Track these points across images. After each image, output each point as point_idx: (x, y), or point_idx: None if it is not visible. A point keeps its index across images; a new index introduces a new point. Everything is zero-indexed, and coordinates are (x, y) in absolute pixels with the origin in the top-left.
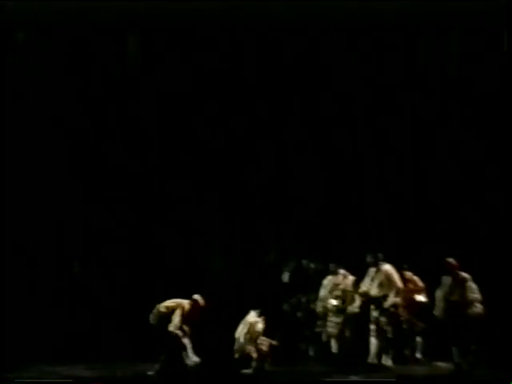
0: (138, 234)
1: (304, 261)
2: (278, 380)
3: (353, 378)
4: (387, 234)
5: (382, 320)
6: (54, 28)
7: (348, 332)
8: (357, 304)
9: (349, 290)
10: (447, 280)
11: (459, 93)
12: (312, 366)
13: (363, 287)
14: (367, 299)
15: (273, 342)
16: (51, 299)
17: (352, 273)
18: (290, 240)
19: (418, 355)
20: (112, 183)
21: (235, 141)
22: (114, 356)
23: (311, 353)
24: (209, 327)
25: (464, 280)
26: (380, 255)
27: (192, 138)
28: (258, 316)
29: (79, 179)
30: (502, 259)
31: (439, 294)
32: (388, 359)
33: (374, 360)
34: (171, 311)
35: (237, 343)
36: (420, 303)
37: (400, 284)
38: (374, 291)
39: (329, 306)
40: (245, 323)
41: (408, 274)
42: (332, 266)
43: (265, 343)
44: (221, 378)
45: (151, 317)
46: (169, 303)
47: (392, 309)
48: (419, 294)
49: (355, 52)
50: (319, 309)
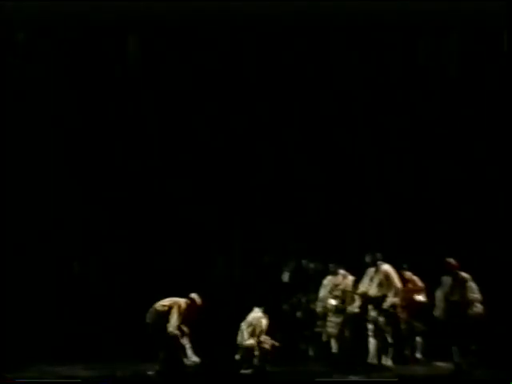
0: (138, 234)
1: (304, 261)
2: (278, 380)
3: (352, 378)
4: (387, 234)
5: (381, 320)
6: (54, 28)
7: (348, 332)
8: (356, 304)
9: (348, 290)
10: (447, 280)
11: (459, 93)
12: (312, 366)
13: (362, 287)
14: (366, 299)
15: (275, 343)
16: (51, 299)
17: (352, 273)
18: (290, 240)
19: (418, 355)
20: (112, 183)
21: (235, 141)
22: (114, 356)
23: (311, 353)
24: (209, 327)
25: (464, 280)
26: (378, 255)
27: (192, 138)
28: (262, 313)
29: (79, 179)
30: (502, 259)
31: (439, 294)
32: (388, 359)
33: (374, 360)
34: (168, 310)
35: (239, 338)
36: (420, 303)
37: (399, 284)
38: (373, 291)
39: (329, 306)
40: (248, 319)
41: (407, 274)
42: (332, 266)
43: (268, 342)
44: (220, 378)
45: (147, 315)
46: (165, 302)
47: (391, 309)
48: (419, 294)
49: (355, 52)
50: (319, 309)
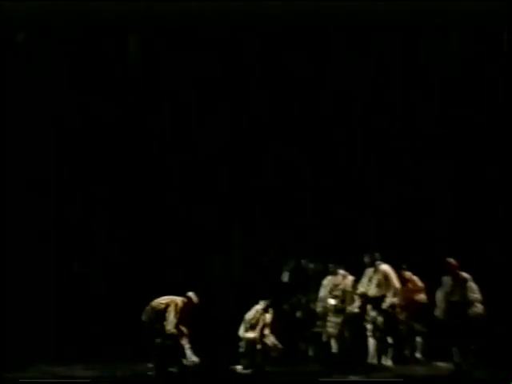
0: (138, 234)
1: (304, 261)
2: (278, 380)
3: (352, 378)
4: (388, 234)
5: (380, 320)
6: (54, 28)
7: (347, 332)
8: (356, 304)
9: (348, 291)
10: (448, 280)
11: (459, 93)
12: (312, 366)
13: (361, 287)
14: (366, 299)
15: (278, 345)
16: (51, 299)
17: (352, 273)
18: (290, 240)
19: (418, 355)
20: (112, 183)
21: (235, 140)
22: (114, 356)
23: (311, 353)
24: (209, 327)
25: (464, 280)
26: (377, 255)
27: (192, 138)
28: (267, 306)
29: (79, 179)
30: (502, 259)
31: (440, 295)
32: (388, 359)
33: (374, 360)
34: (164, 308)
35: (241, 330)
36: (419, 303)
37: (398, 284)
38: (372, 291)
39: (328, 306)
40: (252, 311)
41: (407, 274)
42: (331, 266)
43: (271, 339)
44: (220, 378)
45: (144, 314)
46: (162, 300)
47: (390, 309)
48: (419, 294)
49: (355, 52)
50: (319, 309)
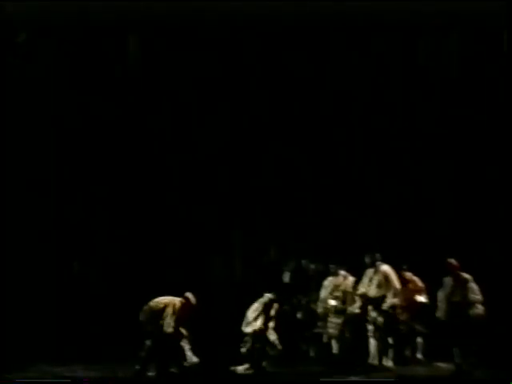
0: (138, 235)
1: (304, 261)
2: (278, 380)
3: (353, 379)
4: (388, 235)
5: (381, 321)
6: (54, 28)
7: (348, 333)
8: (357, 305)
9: (349, 291)
10: (449, 281)
11: (459, 93)
12: (312, 367)
13: (361, 288)
14: (367, 300)
15: (278, 345)
16: (51, 299)
17: (352, 274)
18: (290, 240)
19: (419, 356)
20: (112, 183)
21: (235, 140)
22: (114, 356)
23: (312, 353)
24: (209, 327)
25: (465, 281)
26: (378, 255)
27: (192, 138)
28: (271, 300)
29: (79, 179)
30: (503, 259)
31: (441, 295)
32: (388, 360)
33: (375, 361)
34: (162, 308)
35: (244, 323)
36: (420, 304)
37: (398, 285)
38: (373, 292)
39: (329, 307)
40: (256, 304)
41: (408, 275)
42: (332, 267)
43: (273, 336)
44: (221, 379)
45: (141, 314)
46: (159, 300)
47: (390, 310)
48: (419, 295)
49: (355, 52)
50: (320, 309)
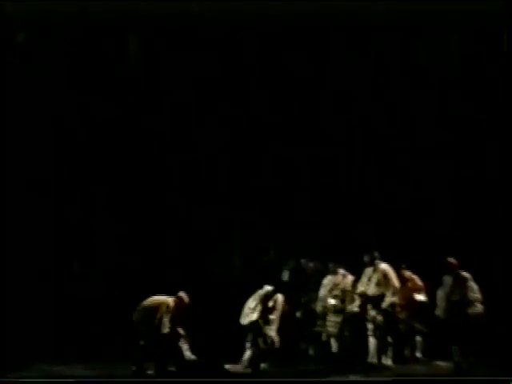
0: (138, 235)
1: (303, 260)
2: (278, 380)
3: (352, 378)
4: (387, 234)
5: (380, 319)
6: (54, 28)
7: (347, 331)
8: (356, 303)
9: (348, 290)
10: (448, 280)
11: (459, 93)
12: (312, 366)
13: (361, 287)
14: (366, 299)
15: (275, 340)
16: (51, 299)
17: (352, 272)
18: (290, 240)
19: (418, 354)
20: (112, 183)
21: (235, 140)
22: (114, 356)
23: (311, 352)
24: (208, 327)
25: (465, 280)
26: (377, 254)
27: (192, 138)
28: (271, 292)
29: (79, 179)
30: (502, 259)
31: (440, 294)
32: (388, 359)
33: (374, 359)
34: (155, 308)
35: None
36: (419, 302)
37: (397, 283)
38: (372, 290)
39: (328, 306)
40: (254, 295)
41: (407, 273)
42: (331, 266)
43: (272, 331)
44: (220, 378)
45: (135, 314)
46: (153, 300)
47: (390, 308)
48: (418, 293)
49: (355, 52)
50: (319, 308)
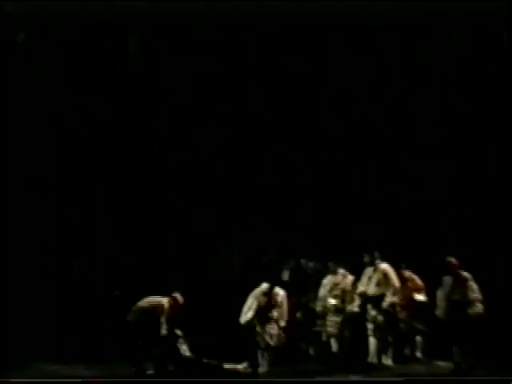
0: (138, 234)
1: (303, 260)
2: (278, 380)
3: (352, 378)
4: (387, 234)
5: (380, 319)
6: (54, 28)
7: (347, 331)
8: (356, 303)
9: (348, 290)
10: (448, 279)
11: (459, 93)
12: (312, 366)
13: (361, 287)
14: (366, 298)
15: (268, 339)
16: (51, 299)
17: (352, 272)
18: (290, 240)
19: (418, 354)
20: (112, 183)
21: (235, 140)
22: (114, 356)
23: (311, 352)
24: (208, 327)
25: (465, 279)
26: (377, 254)
27: (192, 138)
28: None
29: (79, 179)
30: (502, 259)
31: (440, 294)
32: (388, 358)
33: (374, 359)
34: (150, 309)
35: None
36: (419, 302)
37: (397, 283)
38: (372, 290)
39: (328, 306)
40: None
41: (407, 273)
42: (331, 266)
43: (273, 330)
44: (220, 378)
45: (130, 314)
46: (148, 301)
47: (390, 308)
48: (418, 293)
49: (355, 52)
50: (319, 308)
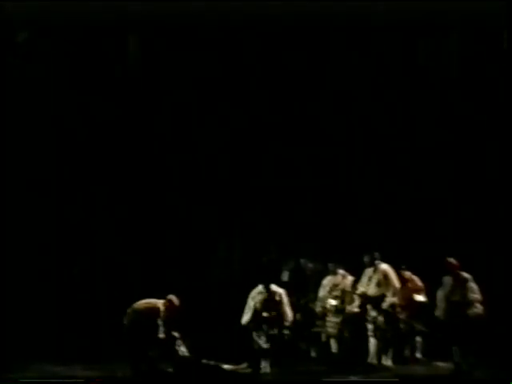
0: (138, 235)
1: (303, 260)
2: (278, 380)
3: (352, 378)
4: (387, 234)
5: (380, 320)
6: (54, 28)
7: (347, 332)
8: (356, 304)
9: (348, 290)
10: (448, 280)
11: (459, 93)
12: (311, 366)
13: (361, 287)
14: (365, 299)
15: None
16: (51, 299)
17: (351, 273)
18: (290, 240)
19: (418, 355)
20: (112, 183)
21: (235, 140)
22: (114, 356)
23: (311, 353)
24: (208, 327)
25: (465, 280)
26: (377, 255)
27: (192, 138)
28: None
29: (79, 179)
30: (502, 259)
31: (440, 295)
32: (388, 359)
33: (374, 360)
34: (146, 311)
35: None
36: (419, 303)
37: (397, 284)
38: (372, 291)
39: (328, 306)
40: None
41: (407, 274)
42: (331, 266)
43: (275, 330)
44: (220, 378)
45: (126, 317)
46: (143, 303)
47: (390, 309)
48: (418, 294)
49: (355, 52)
50: (318, 309)
